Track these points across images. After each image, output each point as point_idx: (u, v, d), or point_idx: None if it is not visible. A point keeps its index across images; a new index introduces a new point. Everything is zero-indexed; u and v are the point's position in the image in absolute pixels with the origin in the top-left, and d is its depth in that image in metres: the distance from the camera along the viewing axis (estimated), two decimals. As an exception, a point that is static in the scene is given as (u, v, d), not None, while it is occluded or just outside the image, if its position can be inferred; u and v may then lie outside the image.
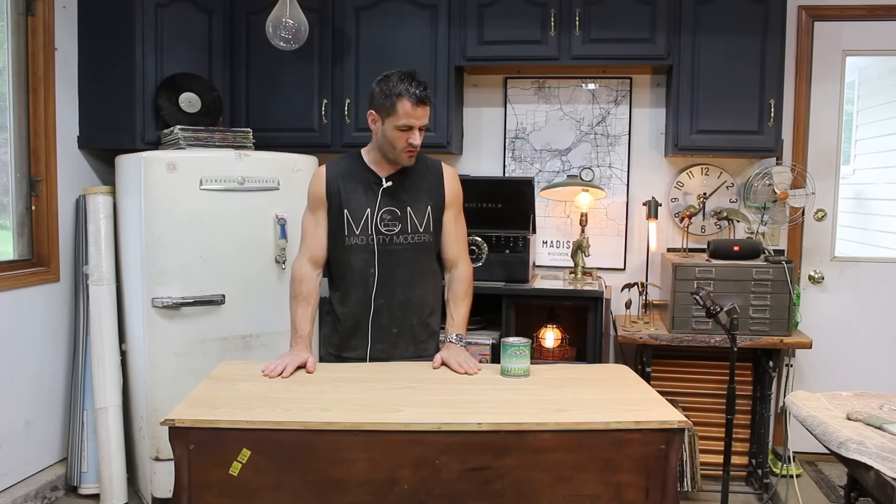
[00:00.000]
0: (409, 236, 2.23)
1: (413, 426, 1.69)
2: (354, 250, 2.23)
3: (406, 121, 2.11)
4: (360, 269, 2.23)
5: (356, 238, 2.22)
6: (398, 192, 2.23)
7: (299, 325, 2.22)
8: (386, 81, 2.13)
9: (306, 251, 2.27)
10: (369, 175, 2.24)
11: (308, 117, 3.52)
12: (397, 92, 2.10)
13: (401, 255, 2.23)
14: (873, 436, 1.92)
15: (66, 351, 3.34)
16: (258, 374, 2.09)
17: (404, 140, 2.14)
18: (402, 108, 2.10)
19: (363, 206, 2.22)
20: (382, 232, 2.22)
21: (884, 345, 3.60)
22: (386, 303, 2.24)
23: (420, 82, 2.12)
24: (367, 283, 2.23)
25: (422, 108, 2.12)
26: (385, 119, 2.14)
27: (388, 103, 2.12)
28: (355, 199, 2.22)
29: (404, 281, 2.25)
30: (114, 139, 3.34)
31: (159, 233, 2.93)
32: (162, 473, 2.98)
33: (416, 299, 2.28)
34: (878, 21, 3.47)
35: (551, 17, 3.30)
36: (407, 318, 2.27)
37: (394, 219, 2.22)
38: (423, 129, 2.16)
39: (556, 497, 1.71)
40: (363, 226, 2.22)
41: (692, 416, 3.30)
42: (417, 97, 2.10)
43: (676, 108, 3.31)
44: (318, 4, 3.44)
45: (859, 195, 3.98)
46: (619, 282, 3.59)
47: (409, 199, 2.24)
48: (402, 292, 2.25)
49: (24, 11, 3.15)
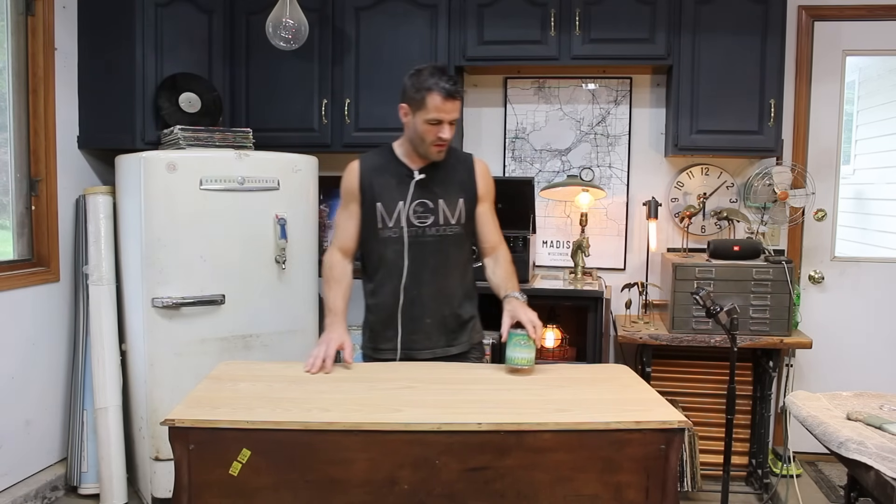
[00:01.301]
0: (440, 228, 2.27)
1: (413, 426, 1.69)
2: (387, 242, 2.27)
3: (436, 115, 2.14)
4: (392, 261, 2.27)
5: (389, 230, 2.26)
6: (430, 184, 2.27)
7: (333, 303, 2.27)
8: (417, 75, 2.17)
9: (336, 242, 2.34)
10: (401, 168, 2.28)
11: (308, 117, 3.52)
12: (427, 86, 2.13)
13: (432, 247, 2.27)
14: (873, 436, 1.92)
15: (66, 351, 3.34)
16: (258, 374, 2.09)
17: (434, 134, 2.17)
18: (432, 102, 2.13)
19: (396, 199, 2.25)
20: (415, 224, 2.25)
21: (884, 345, 3.60)
22: (418, 293, 2.27)
23: (451, 77, 2.16)
24: (399, 274, 2.26)
25: (451, 103, 2.15)
26: (415, 112, 2.18)
27: (419, 97, 2.15)
28: (388, 192, 2.26)
29: (436, 272, 2.28)
30: (114, 139, 3.34)
31: (159, 233, 2.93)
32: (162, 473, 2.98)
33: (448, 290, 2.32)
34: (878, 21, 3.47)
35: (551, 17, 3.30)
36: (439, 308, 2.30)
37: (426, 211, 2.26)
38: (452, 123, 2.19)
39: (556, 497, 1.71)
40: (396, 218, 2.25)
41: (692, 416, 3.30)
42: (447, 91, 2.13)
43: (676, 108, 3.31)
44: (318, 4, 3.44)
45: (859, 195, 3.98)
46: (619, 282, 3.59)
47: (440, 192, 2.27)
48: (433, 283, 2.28)
49: (24, 11, 3.15)
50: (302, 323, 3.25)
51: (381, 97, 3.44)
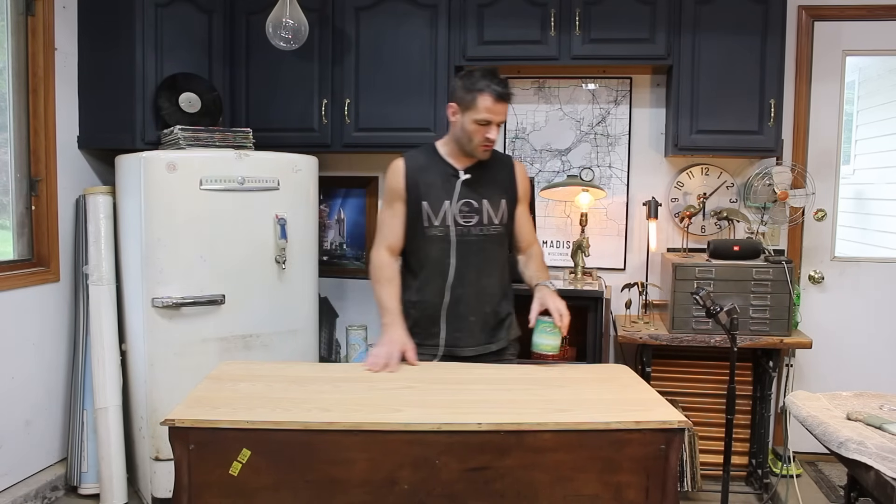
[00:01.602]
0: (484, 228, 2.32)
1: (413, 426, 1.69)
2: (433, 241, 2.31)
3: (485, 115, 2.19)
4: (437, 259, 2.31)
5: (435, 229, 2.30)
6: (475, 184, 2.31)
7: (388, 303, 2.28)
8: (469, 76, 2.22)
9: (383, 241, 2.35)
10: (447, 167, 2.33)
11: (308, 117, 3.52)
12: (479, 87, 2.18)
13: (476, 246, 2.32)
14: (873, 436, 1.92)
15: (66, 351, 3.34)
16: (258, 374, 2.09)
17: (482, 134, 2.22)
18: (483, 103, 2.18)
19: (441, 198, 2.29)
20: (460, 223, 2.30)
21: (884, 345, 3.60)
22: (463, 292, 2.31)
23: (502, 80, 2.21)
24: (444, 272, 2.30)
25: (501, 105, 2.20)
26: (465, 112, 2.23)
27: (470, 97, 2.20)
28: (434, 191, 2.30)
29: (479, 270, 2.33)
30: (114, 139, 3.34)
31: (159, 233, 2.92)
32: (162, 473, 2.98)
33: (489, 288, 2.36)
34: (878, 21, 3.47)
35: (551, 17, 3.30)
36: (481, 306, 2.34)
37: (471, 210, 2.31)
38: (500, 124, 2.25)
39: (556, 497, 1.71)
40: (442, 217, 2.29)
41: (692, 416, 3.30)
42: (498, 93, 2.18)
43: (676, 108, 3.31)
44: (318, 4, 3.44)
45: (859, 195, 3.98)
46: (619, 282, 3.59)
47: (484, 192, 2.32)
48: (476, 281, 2.33)
49: (24, 11, 3.15)
50: (302, 323, 3.25)
51: (381, 97, 3.44)
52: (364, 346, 3.69)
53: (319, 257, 3.48)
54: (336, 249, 3.94)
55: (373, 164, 3.86)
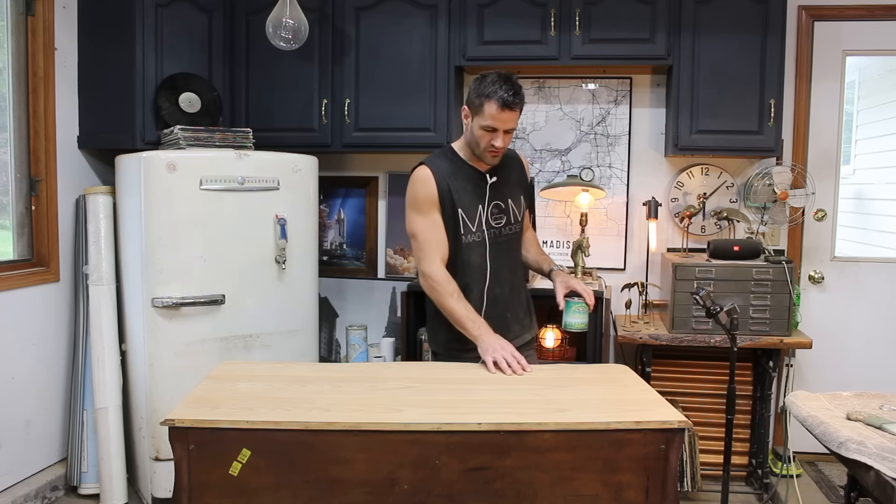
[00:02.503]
0: (511, 227, 2.37)
1: (413, 426, 1.69)
2: (471, 247, 2.30)
3: (491, 122, 2.17)
4: (477, 265, 2.31)
5: (472, 235, 2.30)
6: (500, 186, 2.34)
7: (471, 314, 2.22)
8: (481, 80, 2.20)
9: (434, 254, 2.25)
10: (472, 171, 2.31)
11: (308, 117, 3.52)
12: (487, 93, 2.16)
13: (506, 246, 2.37)
14: (873, 436, 1.92)
15: (66, 351, 3.34)
16: (258, 374, 2.09)
17: (487, 140, 2.21)
18: (489, 110, 2.15)
19: (475, 203, 2.29)
20: (493, 226, 2.32)
21: (884, 345, 3.60)
22: (500, 292, 2.35)
23: (512, 86, 2.16)
24: (483, 276, 2.32)
25: (508, 113, 2.16)
26: (474, 117, 2.22)
27: (478, 102, 2.18)
28: (466, 196, 2.28)
29: (510, 268, 2.39)
30: (114, 139, 3.34)
31: (159, 233, 2.93)
32: (162, 473, 2.98)
33: (518, 283, 2.43)
34: (878, 21, 3.47)
35: (551, 17, 3.30)
36: (514, 301, 2.40)
37: (500, 212, 2.34)
38: (509, 132, 2.22)
39: (556, 497, 1.71)
40: (477, 222, 2.30)
41: (692, 416, 3.30)
42: (504, 101, 2.14)
43: (676, 108, 3.31)
44: (318, 4, 3.44)
45: (859, 195, 3.98)
46: (619, 282, 3.59)
47: (508, 192, 2.36)
48: (509, 279, 2.37)
49: (24, 11, 3.15)
50: (302, 323, 3.25)
51: (381, 97, 3.45)
52: (364, 346, 3.69)
53: (319, 257, 3.48)
54: (336, 249, 3.94)
55: (373, 164, 3.86)
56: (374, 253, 3.89)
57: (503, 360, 2.10)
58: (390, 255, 3.87)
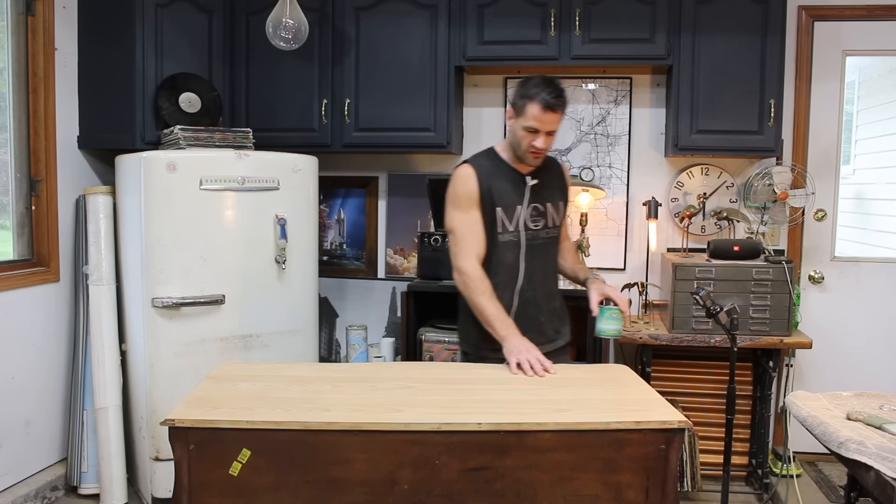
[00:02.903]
0: (548, 231, 2.40)
1: (413, 426, 1.69)
2: (507, 246, 2.34)
3: (532, 123, 2.21)
4: (511, 264, 2.35)
5: (509, 234, 2.33)
6: (539, 188, 2.37)
7: (501, 314, 2.25)
8: (526, 82, 2.24)
9: (471, 250, 2.29)
10: (514, 173, 2.35)
11: (308, 117, 3.52)
12: (530, 94, 2.20)
13: (542, 249, 2.40)
14: (873, 436, 1.92)
15: (66, 351, 3.34)
16: (258, 374, 2.09)
17: (528, 141, 2.25)
18: (531, 111, 2.20)
19: (514, 204, 2.33)
20: (530, 227, 2.35)
21: (884, 345, 3.60)
22: (534, 294, 2.37)
23: (555, 89, 2.21)
24: (517, 276, 2.35)
25: (550, 115, 2.20)
26: (517, 118, 2.26)
27: (521, 104, 2.23)
28: (506, 196, 2.32)
29: (545, 271, 2.42)
30: (114, 139, 3.34)
31: (159, 233, 2.93)
32: (162, 473, 2.98)
33: (552, 287, 2.47)
34: (878, 21, 3.47)
35: (551, 17, 3.30)
36: (548, 305, 2.43)
37: (538, 214, 2.37)
38: (551, 134, 2.26)
39: (556, 497, 1.71)
40: (515, 222, 2.33)
41: (692, 416, 3.30)
42: (546, 103, 2.18)
43: (676, 108, 3.31)
44: (318, 4, 3.44)
45: (859, 195, 3.98)
46: (619, 282, 3.58)
47: (547, 196, 2.39)
48: (543, 282, 2.41)
49: (24, 11, 3.15)
50: (302, 323, 3.25)
51: (381, 97, 3.44)
52: (364, 346, 3.69)
53: (319, 257, 3.48)
54: (336, 249, 3.94)
55: (373, 164, 3.86)
56: (374, 253, 3.89)
57: (526, 362, 2.12)
58: (390, 255, 3.87)
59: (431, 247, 3.31)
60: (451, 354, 3.15)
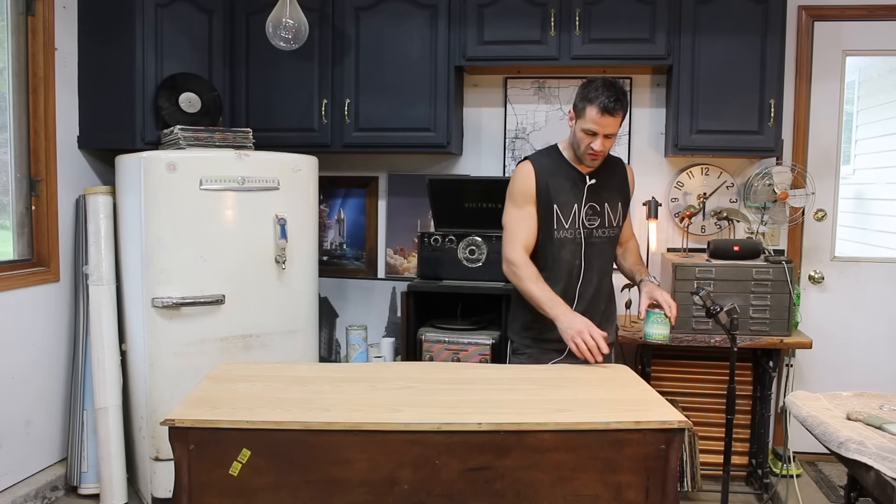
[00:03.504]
0: (605, 230, 2.44)
1: (413, 426, 1.69)
2: (564, 243, 2.38)
3: (591, 126, 2.26)
4: (567, 261, 2.39)
5: (565, 231, 2.38)
6: (598, 188, 2.40)
7: (551, 295, 2.28)
8: (588, 85, 2.28)
9: (518, 242, 2.36)
10: (573, 171, 2.40)
11: (308, 117, 3.52)
12: (590, 97, 2.24)
13: (599, 248, 2.43)
14: (873, 436, 1.92)
15: (66, 351, 3.34)
16: (258, 374, 2.09)
17: (587, 143, 2.29)
18: (590, 114, 2.24)
19: (571, 202, 2.37)
20: (587, 226, 2.40)
21: (884, 345, 3.60)
22: (587, 291, 2.42)
23: (616, 93, 2.24)
24: (573, 273, 2.40)
25: (609, 118, 2.24)
26: (577, 119, 2.31)
27: (581, 106, 2.28)
28: (563, 194, 2.37)
29: (601, 270, 2.46)
30: (114, 139, 3.34)
31: (159, 233, 2.93)
32: (162, 473, 2.98)
33: (606, 287, 2.51)
34: (878, 21, 3.47)
35: (551, 17, 3.30)
36: (600, 303, 2.48)
37: (595, 214, 2.41)
38: (610, 136, 2.29)
39: (556, 497, 1.71)
40: (571, 220, 2.38)
41: (692, 416, 3.30)
42: (605, 106, 2.22)
43: (676, 108, 3.31)
44: (318, 4, 3.44)
45: (859, 195, 3.98)
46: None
47: (606, 196, 2.43)
48: (598, 281, 2.45)
49: (24, 11, 3.15)
50: (302, 323, 3.25)
51: (381, 97, 3.45)
52: (364, 346, 3.69)
53: (319, 257, 3.48)
54: (336, 249, 3.94)
55: (373, 164, 3.86)
56: (374, 253, 3.89)
57: (583, 343, 2.15)
58: (390, 255, 3.87)
59: (431, 247, 3.31)
60: (451, 354, 3.15)
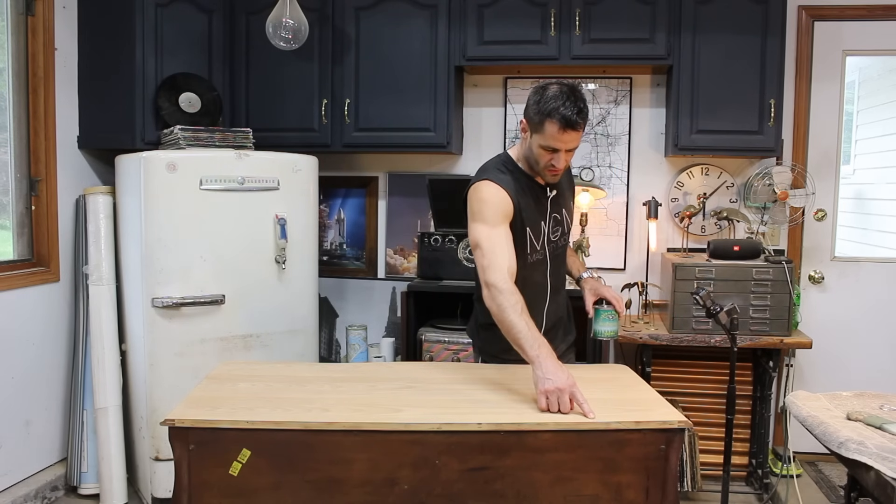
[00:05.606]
0: (564, 238, 2.29)
1: (413, 426, 1.69)
2: (536, 266, 2.20)
3: (551, 143, 2.01)
4: (538, 283, 2.22)
5: (537, 254, 2.19)
6: (557, 198, 2.23)
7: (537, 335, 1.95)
8: (542, 93, 2.01)
9: (502, 265, 2.01)
10: (535, 186, 2.17)
11: (308, 117, 3.52)
12: (548, 110, 1.98)
13: (560, 259, 2.30)
14: (873, 436, 1.92)
15: (66, 351, 3.34)
16: (258, 374, 2.09)
17: (547, 160, 2.06)
18: (550, 130, 1.99)
19: (538, 220, 2.17)
20: (552, 241, 2.23)
21: (884, 345, 3.60)
22: (553, 309, 2.28)
23: (576, 102, 1.98)
24: (544, 293, 2.25)
25: (571, 133, 1.99)
26: (532, 133, 2.06)
27: (537, 119, 2.01)
28: (532, 213, 2.15)
29: (561, 280, 2.33)
30: (114, 139, 3.34)
31: (159, 233, 2.93)
32: (162, 473, 2.98)
33: (564, 294, 2.37)
34: (878, 21, 3.47)
35: (551, 16, 3.30)
36: (563, 314, 2.37)
37: (556, 225, 2.23)
38: (571, 150, 2.07)
39: (556, 497, 1.71)
40: (542, 240, 2.19)
41: (692, 416, 3.30)
42: (567, 120, 1.97)
43: (676, 108, 3.31)
44: (318, 4, 3.44)
45: (859, 195, 3.98)
46: (619, 282, 3.59)
47: (563, 203, 2.26)
48: (560, 290, 2.33)
49: (24, 11, 3.15)
50: (302, 323, 3.25)
51: (381, 97, 3.45)
52: (364, 346, 3.69)
53: (319, 257, 3.48)
54: (336, 249, 3.94)
55: (373, 164, 3.86)
56: (374, 253, 3.89)
57: (555, 402, 1.78)
58: (390, 255, 3.87)
59: (431, 247, 3.31)
60: (450, 354, 3.15)
